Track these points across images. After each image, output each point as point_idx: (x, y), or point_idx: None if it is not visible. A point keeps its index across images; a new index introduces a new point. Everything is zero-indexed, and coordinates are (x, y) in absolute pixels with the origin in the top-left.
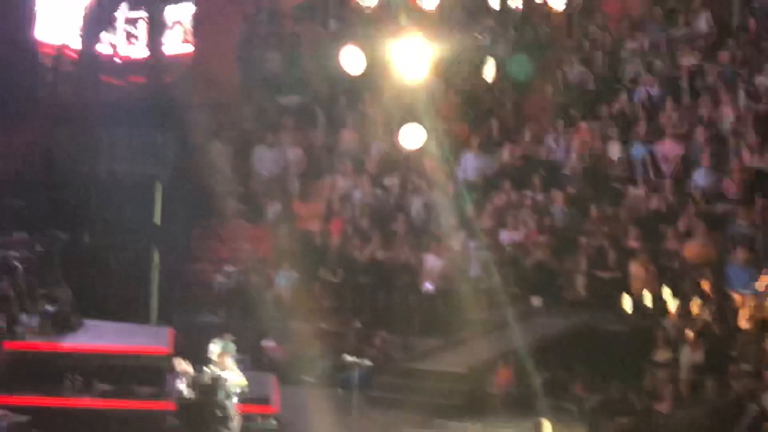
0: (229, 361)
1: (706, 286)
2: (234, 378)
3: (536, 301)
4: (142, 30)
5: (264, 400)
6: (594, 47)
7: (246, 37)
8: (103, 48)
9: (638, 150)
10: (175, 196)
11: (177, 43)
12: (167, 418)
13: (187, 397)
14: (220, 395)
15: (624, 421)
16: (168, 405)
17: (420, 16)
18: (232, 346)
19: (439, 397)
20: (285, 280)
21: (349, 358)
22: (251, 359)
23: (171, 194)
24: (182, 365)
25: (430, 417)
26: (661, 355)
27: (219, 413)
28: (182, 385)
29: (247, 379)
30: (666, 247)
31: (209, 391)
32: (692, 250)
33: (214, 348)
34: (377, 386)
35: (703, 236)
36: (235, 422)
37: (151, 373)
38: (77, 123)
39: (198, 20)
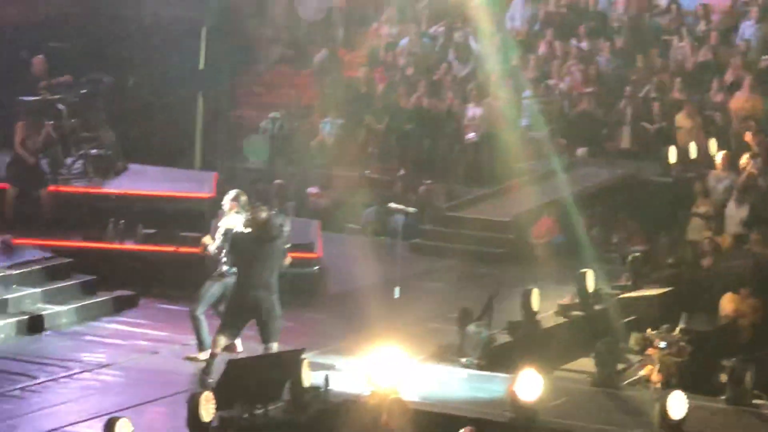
0: (240, 210)
1: (751, 138)
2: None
3: (581, 151)
4: None
5: (307, 246)
6: None
7: None
8: None
9: (686, 0)
10: (220, 41)
11: None
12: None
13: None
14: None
15: (667, 272)
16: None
17: None
18: (244, 198)
19: (482, 245)
20: (329, 126)
21: (393, 205)
22: (295, 206)
23: (216, 39)
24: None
25: (473, 265)
26: (703, 207)
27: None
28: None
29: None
30: (712, 98)
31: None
32: (738, 102)
33: (226, 197)
34: (420, 234)
35: (750, 88)
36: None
37: (194, 218)
38: None
39: None
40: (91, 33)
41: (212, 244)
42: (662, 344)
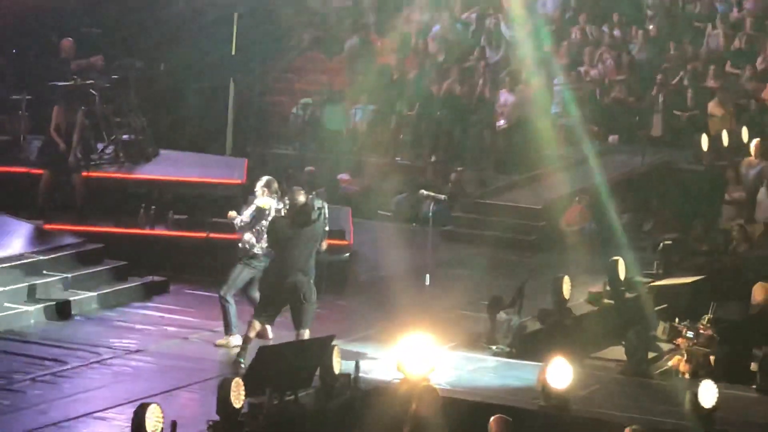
0: (272, 196)
1: None
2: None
3: (613, 138)
4: None
5: (338, 233)
6: None
7: None
8: None
9: None
10: (252, 27)
11: None
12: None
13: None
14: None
15: (698, 260)
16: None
17: None
18: (275, 185)
19: (513, 232)
20: (361, 113)
21: (424, 192)
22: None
23: (248, 25)
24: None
25: (504, 252)
26: (735, 194)
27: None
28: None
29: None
30: (744, 86)
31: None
32: None
33: (259, 183)
34: (451, 221)
35: None
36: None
37: (224, 204)
38: None
39: None
40: (123, 18)
41: (237, 217)
42: (689, 334)
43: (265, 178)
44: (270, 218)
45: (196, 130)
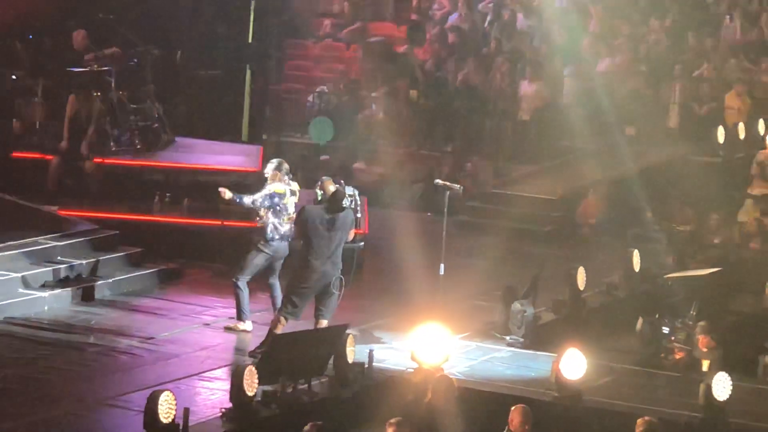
0: (284, 178)
1: None
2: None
3: (629, 130)
4: None
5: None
6: None
7: None
8: None
9: None
10: (269, 15)
11: None
12: None
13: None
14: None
15: (713, 253)
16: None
17: None
18: (286, 166)
19: (528, 222)
20: (377, 102)
21: (439, 181)
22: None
23: (264, 13)
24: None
25: (519, 243)
26: (758, 189)
27: None
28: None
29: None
30: (762, 79)
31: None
32: None
33: (269, 165)
34: (467, 211)
35: None
36: None
37: (240, 191)
38: None
39: None
40: (139, 5)
41: (229, 194)
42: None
43: (275, 161)
44: (285, 201)
45: (212, 118)
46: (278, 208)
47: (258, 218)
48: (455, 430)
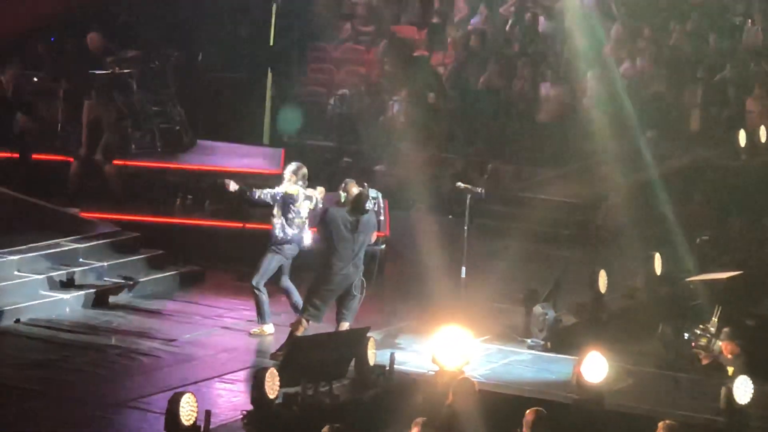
0: (298, 181)
1: None
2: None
3: (651, 133)
4: None
5: None
6: None
7: None
8: None
9: None
10: (291, 17)
11: None
12: None
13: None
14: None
15: (735, 256)
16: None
17: None
18: (304, 171)
19: (550, 226)
20: (398, 105)
21: (461, 184)
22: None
23: (286, 16)
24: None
25: (540, 246)
26: None
27: None
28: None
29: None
30: None
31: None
32: None
33: (287, 168)
34: (488, 214)
35: None
36: None
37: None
38: None
39: None
40: (161, 7)
41: (234, 185)
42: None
43: (294, 164)
44: (297, 205)
45: (234, 120)
46: (288, 209)
47: (272, 218)
48: None
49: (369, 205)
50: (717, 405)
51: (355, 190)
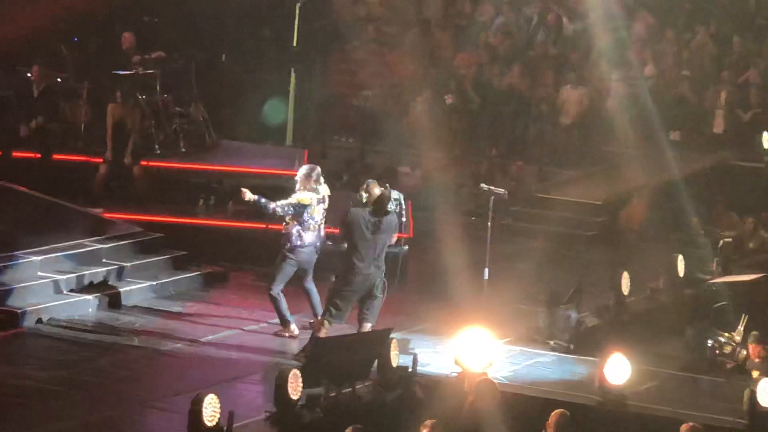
0: (314, 186)
1: None
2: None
3: (674, 135)
4: None
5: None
6: None
7: None
8: None
9: None
10: (314, 18)
11: None
12: None
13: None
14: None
15: (758, 258)
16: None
17: None
18: (318, 172)
19: (572, 227)
20: (421, 106)
21: (483, 185)
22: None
23: (309, 17)
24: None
25: (563, 247)
26: None
27: None
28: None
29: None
30: None
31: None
32: None
33: (299, 172)
34: (511, 215)
35: None
36: None
37: (284, 194)
38: None
39: None
40: (184, 8)
41: (250, 195)
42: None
43: (305, 168)
44: (311, 212)
45: (257, 121)
46: (303, 217)
47: (285, 224)
48: None
49: (391, 206)
50: (740, 407)
51: (377, 191)
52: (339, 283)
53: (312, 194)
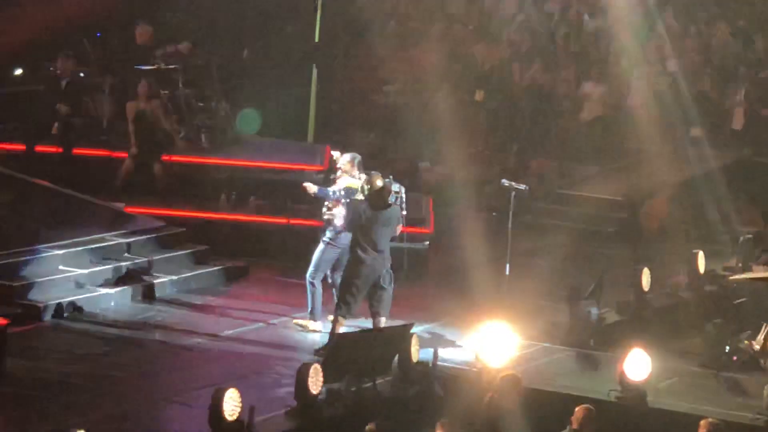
0: (354, 170)
1: None
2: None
3: (695, 131)
4: None
5: (419, 221)
6: None
7: None
8: None
9: None
10: (336, 14)
11: None
12: None
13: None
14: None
15: None
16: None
17: None
18: (359, 159)
19: (593, 223)
20: (442, 101)
21: (504, 181)
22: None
23: (331, 12)
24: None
25: (584, 243)
26: None
27: None
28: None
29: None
30: None
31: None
32: None
33: (345, 157)
34: (532, 211)
35: None
36: None
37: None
38: None
39: None
40: (205, 4)
41: (314, 187)
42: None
43: (348, 155)
44: (356, 197)
45: (278, 116)
46: (349, 201)
47: (326, 209)
48: (518, 429)
49: (391, 199)
50: (759, 404)
51: (378, 183)
52: (347, 276)
53: (357, 180)
